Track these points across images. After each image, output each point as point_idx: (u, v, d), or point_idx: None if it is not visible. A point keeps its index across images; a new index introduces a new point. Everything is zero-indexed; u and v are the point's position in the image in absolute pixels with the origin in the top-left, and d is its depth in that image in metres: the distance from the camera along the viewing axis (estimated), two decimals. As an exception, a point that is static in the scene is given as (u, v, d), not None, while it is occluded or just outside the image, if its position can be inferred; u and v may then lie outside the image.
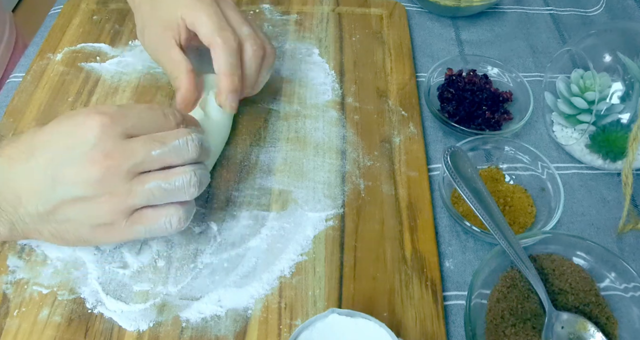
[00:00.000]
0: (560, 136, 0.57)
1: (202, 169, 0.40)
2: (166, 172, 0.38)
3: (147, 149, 0.37)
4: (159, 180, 0.37)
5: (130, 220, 0.38)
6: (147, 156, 0.37)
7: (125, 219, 0.38)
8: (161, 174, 0.38)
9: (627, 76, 0.53)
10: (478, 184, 0.47)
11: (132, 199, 0.37)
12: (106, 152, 0.36)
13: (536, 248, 0.46)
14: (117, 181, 0.36)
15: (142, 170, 0.37)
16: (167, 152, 0.38)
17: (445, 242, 0.49)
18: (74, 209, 0.37)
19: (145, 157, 0.37)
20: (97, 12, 0.66)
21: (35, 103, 0.56)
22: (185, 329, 0.42)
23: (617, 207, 0.53)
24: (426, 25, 0.70)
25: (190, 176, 0.38)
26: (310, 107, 0.58)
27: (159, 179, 0.37)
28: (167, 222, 0.39)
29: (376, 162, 0.53)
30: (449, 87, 0.58)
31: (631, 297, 0.43)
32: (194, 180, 0.39)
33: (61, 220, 0.38)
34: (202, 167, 0.41)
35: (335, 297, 0.44)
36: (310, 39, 0.65)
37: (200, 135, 0.40)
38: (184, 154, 0.39)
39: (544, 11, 0.74)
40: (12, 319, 0.41)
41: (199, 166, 0.40)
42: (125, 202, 0.37)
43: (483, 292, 0.44)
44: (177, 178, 0.38)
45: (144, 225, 0.39)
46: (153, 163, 0.38)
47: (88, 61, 0.60)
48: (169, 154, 0.38)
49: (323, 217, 0.49)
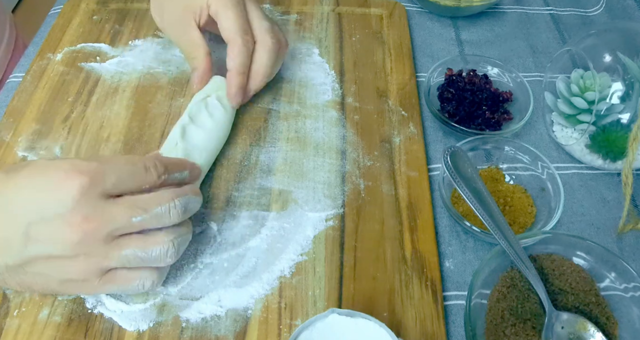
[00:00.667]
0: (560, 136, 0.57)
1: (183, 234, 0.40)
2: (144, 240, 0.37)
3: (128, 216, 0.36)
4: (136, 249, 0.37)
5: (103, 280, 0.37)
6: (127, 222, 0.36)
7: (98, 278, 0.37)
8: (139, 240, 0.37)
9: (627, 76, 0.53)
10: (478, 184, 0.47)
11: (107, 262, 0.36)
12: (85, 215, 0.35)
13: (536, 248, 0.46)
14: (95, 244, 0.35)
15: (120, 234, 0.37)
16: (147, 219, 0.37)
17: (445, 242, 0.49)
18: (46, 265, 0.36)
19: (125, 224, 0.36)
20: (97, 12, 0.66)
21: (35, 103, 0.56)
22: (185, 329, 0.42)
23: (617, 207, 0.53)
24: (426, 25, 0.70)
25: (168, 247, 0.38)
26: (310, 107, 0.58)
27: (136, 247, 0.37)
28: (140, 284, 0.39)
29: (376, 162, 0.53)
30: (449, 87, 0.58)
31: (631, 297, 0.43)
32: (171, 251, 0.38)
33: (30, 274, 0.37)
34: (183, 233, 0.40)
35: (335, 297, 0.44)
36: (310, 39, 0.65)
37: (185, 198, 0.39)
38: (165, 221, 0.38)
39: (544, 11, 0.74)
40: (12, 319, 0.41)
41: (179, 233, 0.39)
42: (100, 263, 0.36)
43: (483, 292, 0.44)
44: (154, 248, 0.37)
45: (117, 285, 0.38)
46: (132, 228, 0.37)
47: (88, 61, 0.60)
48: (150, 220, 0.37)
49: (323, 217, 0.49)
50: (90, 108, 0.56)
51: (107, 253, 0.36)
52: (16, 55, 0.77)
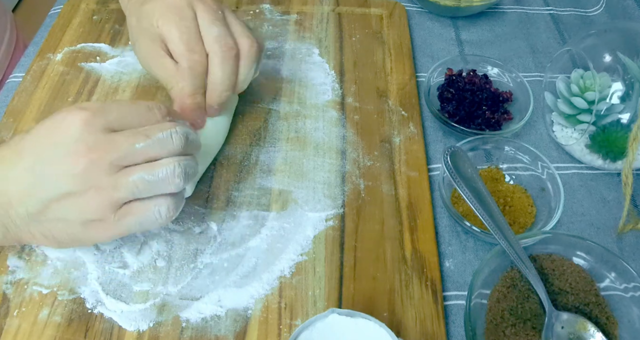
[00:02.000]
0: (560, 136, 0.57)
1: (189, 160, 0.40)
2: (150, 164, 0.38)
3: (131, 142, 0.37)
4: (143, 172, 0.37)
5: (118, 214, 0.38)
6: (130, 149, 0.37)
7: (113, 213, 0.38)
8: (145, 166, 0.38)
9: (627, 76, 0.53)
10: (478, 184, 0.47)
11: (117, 192, 0.37)
12: (88, 145, 0.36)
13: (536, 248, 0.46)
14: (101, 174, 0.36)
15: (126, 164, 0.37)
16: (150, 144, 0.37)
17: (445, 242, 0.49)
18: (63, 207, 0.37)
19: (128, 150, 0.37)
20: (97, 12, 0.66)
21: (35, 103, 0.56)
22: (185, 329, 0.42)
23: (617, 207, 0.53)
24: (426, 25, 0.70)
25: (174, 167, 0.38)
26: (310, 107, 0.58)
27: (143, 171, 0.37)
28: (155, 212, 0.39)
29: (376, 162, 0.53)
30: (449, 87, 0.58)
31: (631, 297, 0.43)
32: (178, 171, 0.38)
33: (52, 220, 0.38)
34: (189, 159, 0.40)
35: (335, 297, 0.44)
36: (310, 39, 0.65)
37: (186, 128, 0.40)
38: (168, 146, 0.38)
39: (544, 11, 0.74)
40: (12, 319, 0.41)
41: (185, 158, 0.40)
42: (111, 195, 0.37)
43: (483, 292, 0.44)
44: (160, 169, 0.38)
45: (134, 217, 0.38)
46: (137, 156, 0.37)
47: (88, 61, 0.60)
48: (153, 146, 0.38)
49: (323, 217, 0.49)
50: (90, 108, 0.56)
51: (115, 182, 0.37)
52: (17, 55, 0.77)
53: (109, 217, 0.38)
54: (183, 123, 0.41)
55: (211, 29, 0.47)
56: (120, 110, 0.38)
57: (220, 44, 0.47)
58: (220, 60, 0.47)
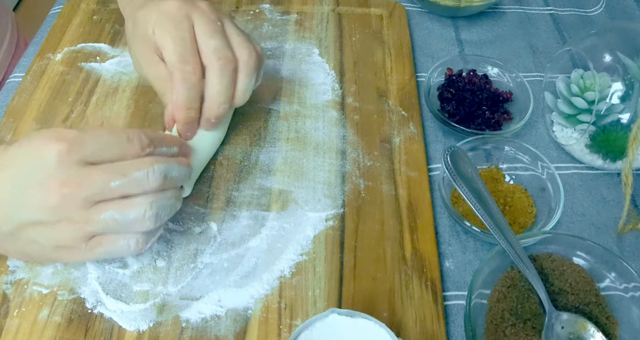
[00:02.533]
0: (560, 136, 0.57)
1: (165, 200, 0.39)
2: (123, 204, 0.37)
3: (106, 180, 0.36)
4: (114, 212, 0.37)
5: (89, 245, 0.38)
6: (105, 187, 0.36)
7: (84, 243, 0.38)
8: (117, 204, 0.37)
9: (627, 76, 0.53)
10: (478, 184, 0.47)
11: (88, 227, 0.37)
12: (62, 180, 0.35)
13: (536, 248, 0.46)
14: (74, 209, 0.36)
15: (100, 199, 0.37)
16: (126, 184, 0.37)
17: (445, 242, 0.49)
18: (36, 232, 0.37)
19: (103, 188, 0.36)
20: (97, 12, 0.66)
21: (35, 103, 0.56)
22: (185, 329, 0.42)
23: (617, 207, 0.53)
24: (426, 25, 0.70)
25: (145, 210, 0.38)
26: (310, 107, 0.58)
27: (114, 211, 0.37)
28: (125, 245, 0.39)
29: (376, 162, 0.53)
30: (449, 87, 0.58)
31: (631, 297, 0.43)
32: (149, 214, 0.38)
33: (24, 240, 0.38)
34: (165, 198, 0.39)
35: (335, 297, 0.44)
36: (310, 39, 0.65)
37: (165, 165, 0.39)
38: (144, 185, 0.38)
39: (544, 11, 0.74)
40: (12, 319, 0.41)
41: (160, 197, 0.39)
42: (82, 228, 0.37)
43: (483, 292, 0.44)
44: (131, 211, 0.37)
45: (104, 248, 0.39)
46: (111, 193, 0.37)
47: (88, 61, 0.60)
48: (129, 185, 0.37)
49: (323, 217, 0.49)
50: (90, 108, 0.56)
51: (88, 217, 0.36)
52: (18, 54, 0.77)
53: (80, 246, 0.38)
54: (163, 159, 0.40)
55: (210, 41, 0.46)
56: (98, 141, 0.37)
57: (219, 56, 0.45)
58: (219, 73, 0.46)
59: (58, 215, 0.36)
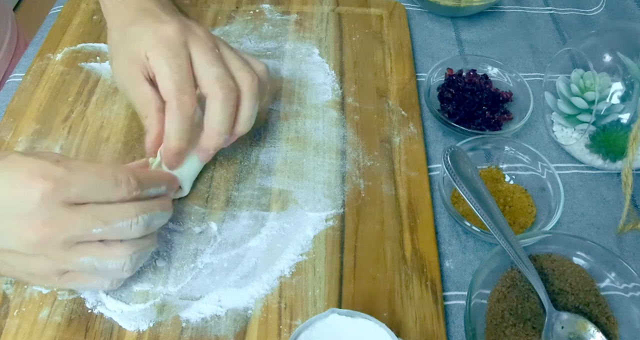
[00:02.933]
0: (560, 136, 0.57)
1: (144, 248, 0.40)
2: (102, 250, 0.37)
3: (88, 226, 0.36)
4: (93, 258, 0.37)
5: (63, 278, 0.38)
6: (86, 232, 0.36)
7: (57, 277, 0.38)
8: (97, 250, 0.37)
9: (627, 76, 0.53)
10: (478, 184, 0.47)
11: (65, 265, 0.37)
12: (44, 220, 0.35)
13: (536, 248, 0.46)
14: (53, 248, 0.36)
15: (80, 241, 0.37)
16: (107, 231, 0.37)
17: (445, 242, 0.49)
18: (11, 257, 0.37)
19: (84, 233, 0.36)
20: (97, 12, 0.66)
21: (35, 103, 0.56)
22: (185, 329, 0.42)
23: (617, 207, 0.53)
24: (426, 25, 0.70)
25: (125, 262, 0.38)
26: (310, 107, 0.58)
27: (93, 257, 0.37)
28: (98, 284, 0.39)
29: (376, 162, 0.53)
30: (449, 87, 0.58)
31: (631, 297, 0.43)
32: (127, 266, 0.38)
33: (0, 262, 0.38)
34: (145, 246, 0.40)
35: (335, 297, 0.44)
36: (310, 39, 0.65)
37: (149, 215, 0.39)
38: (126, 234, 0.38)
39: (544, 11, 0.74)
40: (12, 319, 0.41)
41: (140, 246, 0.39)
42: (58, 266, 0.37)
43: (483, 292, 0.44)
44: (110, 261, 0.37)
45: (76, 283, 0.39)
46: (92, 237, 0.37)
47: (88, 61, 0.60)
48: (110, 233, 0.37)
49: (323, 217, 0.49)
50: (90, 108, 0.56)
51: (65, 258, 0.36)
52: (18, 54, 0.77)
53: (52, 278, 0.38)
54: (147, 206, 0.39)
55: (211, 70, 0.44)
56: (85, 183, 0.36)
57: (221, 85, 0.44)
58: (222, 103, 0.44)
59: (36, 251, 0.36)
